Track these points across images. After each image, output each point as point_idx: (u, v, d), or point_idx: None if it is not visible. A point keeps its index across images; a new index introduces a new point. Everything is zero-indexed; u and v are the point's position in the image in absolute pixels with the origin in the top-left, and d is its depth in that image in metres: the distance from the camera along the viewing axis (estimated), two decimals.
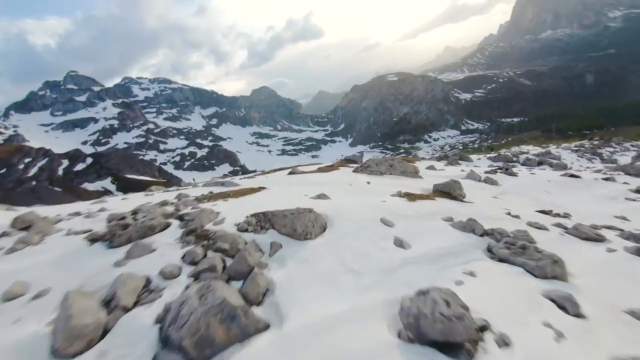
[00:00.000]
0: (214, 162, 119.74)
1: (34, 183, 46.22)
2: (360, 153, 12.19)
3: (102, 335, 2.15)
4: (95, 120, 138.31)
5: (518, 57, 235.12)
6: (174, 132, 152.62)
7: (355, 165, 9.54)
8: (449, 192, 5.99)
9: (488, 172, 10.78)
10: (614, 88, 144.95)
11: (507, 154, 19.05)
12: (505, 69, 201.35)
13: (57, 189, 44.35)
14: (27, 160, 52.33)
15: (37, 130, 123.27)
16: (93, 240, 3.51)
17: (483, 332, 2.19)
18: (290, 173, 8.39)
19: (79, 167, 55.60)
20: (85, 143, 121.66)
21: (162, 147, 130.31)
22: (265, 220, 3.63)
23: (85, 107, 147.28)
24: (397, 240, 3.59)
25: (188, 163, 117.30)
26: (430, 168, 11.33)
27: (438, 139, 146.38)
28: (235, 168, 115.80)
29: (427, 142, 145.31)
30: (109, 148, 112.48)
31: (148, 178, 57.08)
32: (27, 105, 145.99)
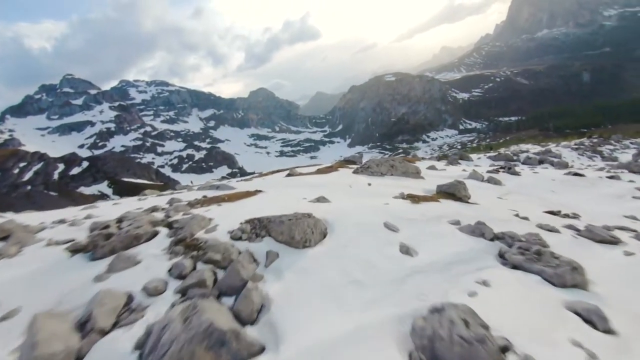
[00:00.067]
0: (212, 164, 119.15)
1: (29, 188, 45.64)
2: (360, 154, 11.96)
3: None
4: (92, 124, 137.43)
5: (515, 56, 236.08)
6: (172, 134, 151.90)
7: (355, 166, 9.30)
8: (454, 193, 5.76)
9: (490, 171, 10.56)
10: (610, 86, 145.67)
11: (507, 153, 18.88)
12: (502, 68, 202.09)
13: (52, 194, 43.77)
14: (22, 165, 51.68)
15: (33, 134, 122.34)
16: (74, 252, 3.24)
17: (505, 353, 1.95)
18: (288, 175, 8.13)
19: (75, 171, 54.95)
20: (82, 147, 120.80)
21: (159, 149, 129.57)
22: (261, 227, 3.37)
23: (82, 110, 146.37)
24: (403, 247, 3.34)
25: (186, 165, 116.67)
26: (431, 168, 11.10)
27: (436, 139, 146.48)
28: (234, 170, 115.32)
29: (425, 142, 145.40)
30: (106, 151, 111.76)
31: (145, 181, 56.57)
32: (23, 109, 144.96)
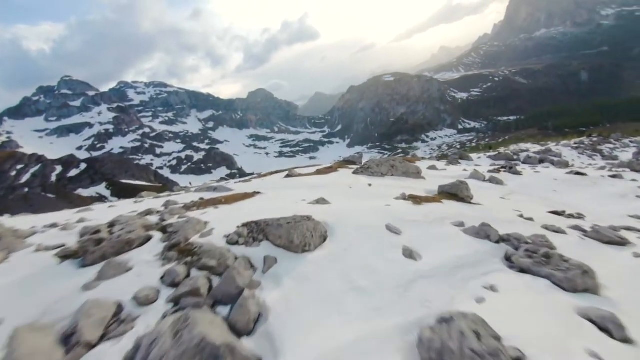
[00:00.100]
0: (211, 165, 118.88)
1: (27, 190, 45.30)
2: (360, 154, 11.84)
3: None
4: (90, 125, 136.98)
5: (513, 55, 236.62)
6: (170, 135, 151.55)
7: (355, 167, 9.18)
8: (456, 193, 5.64)
9: (492, 171, 10.46)
10: (608, 85, 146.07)
11: (507, 153, 18.80)
12: (501, 68, 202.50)
13: (50, 196, 43.44)
14: (19, 167, 51.35)
15: (31, 136, 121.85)
16: (64, 258, 3.11)
17: None
18: (287, 176, 8.01)
19: (73, 173, 54.59)
20: (80, 148, 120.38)
21: (158, 151, 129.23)
22: (259, 231, 3.24)
23: (80, 112, 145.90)
24: (406, 251, 3.22)
25: (185, 167, 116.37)
26: (432, 168, 11.00)
27: (435, 139, 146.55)
28: (233, 171, 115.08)
29: (424, 141, 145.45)
30: (105, 153, 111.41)
31: (144, 183, 56.27)
32: (20, 111, 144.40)
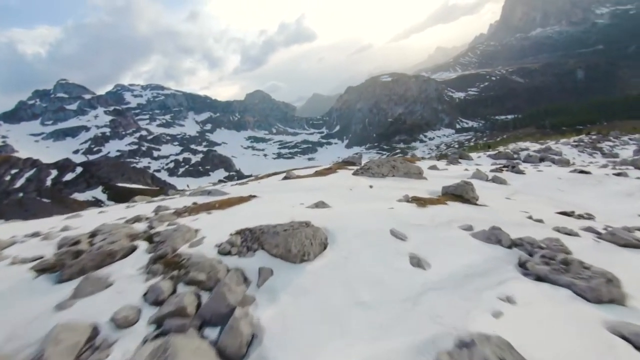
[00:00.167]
0: (209, 167, 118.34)
1: (21, 195, 44.70)
2: (359, 154, 11.59)
3: None
4: (87, 129, 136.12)
5: (509, 55, 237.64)
6: (168, 138, 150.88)
7: (355, 168, 8.94)
8: (461, 194, 5.41)
9: (494, 170, 10.26)
10: (604, 83, 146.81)
11: (507, 152, 18.64)
12: (497, 67, 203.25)
13: (45, 200, 42.84)
14: (13, 172, 50.68)
15: (26, 141, 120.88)
16: (40, 272, 2.84)
17: None
18: (285, 178, 7.75)
19: (69, 177, 53.93)
20: (77, 152, 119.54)
21: (155, 154, 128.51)
22: (253, 239, 2.98)
23: (77, 115, 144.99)
24: (413, 258, 2.97)
25: (182, 169, 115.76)
26: (433, 168, 10.78)
27: (434, 138, 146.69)
28: (231, 173, 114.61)
29: (422, 141, 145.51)
30: (101, 156, 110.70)
31: (141, 186, 55.75)
32: (16, 115, 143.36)
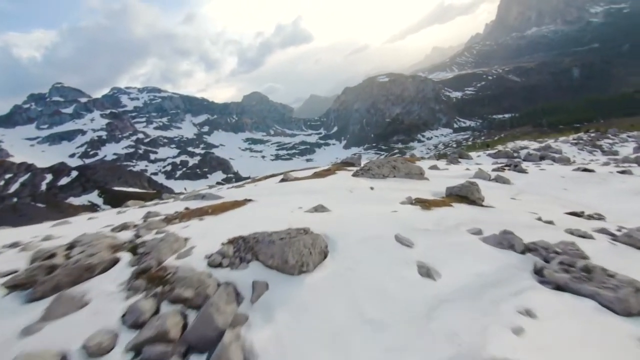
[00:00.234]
0: (206, 170, 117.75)
1: (15, 200, 44.06)
2: (358, 155, 11.36)
3: None
4: (83, 132, 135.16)
5: (505, 54, 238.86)
6: (165, 141, 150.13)
7: (354, 169, 8.70)
8: (466, 195, 5.18)
9: (496, 169, 10.07)
10: (600, 81, 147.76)
11: (507, 150, 18.49)
12: (494, 67, 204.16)
13: (40, 205, 42.20)
14: (7, 176, 49.97)
15: (22, 145, 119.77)
16: (12, 288, 2.56)
17: None
18: (282, 180, 7.50)
19: (64, 181, 53.25)
20: (73, 156, 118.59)
21: (152, 157, 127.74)
22: (247, 249, 2.73)
23: (72, 119, 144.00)
24: (422, 268, 2.73)
25: (180, 172, 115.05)
26: (433, 168, 10.57)
27: (431, 138, 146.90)
28: (229, 175, 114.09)
29: (420, 141, 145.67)
30: (98, 160, 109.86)
31: (137, 190, 55.17)
32: (11, 120, 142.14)
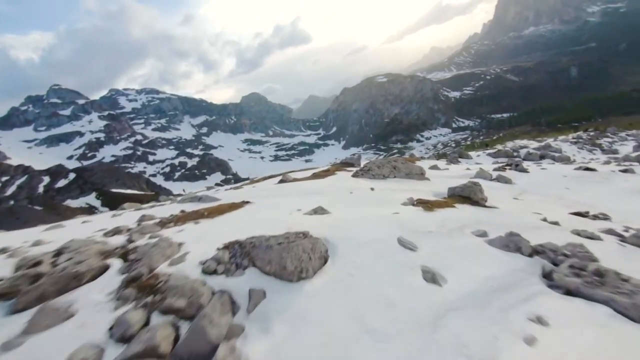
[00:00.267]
0: (205, 171, 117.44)
1: (12, 202, 43.74)
2: (358, 155, 11.24)
3: None
4: (81, 134, 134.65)
5: (503, 54, 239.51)
6: (163, 142, 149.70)
7: (354, 169, 8.59)
8: (469, 196, 5.07)
9: (497, 169, 9.98)
10: (597, 80, 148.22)
11: (507, 150, 18.41)
12: (492, 66, 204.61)
13: (37, 208, 41.85)
14: (4, 179, 49.59)
15: (19, 147, 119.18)
16: None
17: None
18: (281, 181, 7.37)
19: (61, 183, 52.85)
20: (71, 158, 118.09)
21: (151, 158, 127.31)
22: (243, 255, 2.60)
23: (70, 121, 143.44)
24: (427, 273, 2.61)
25: (178, 173, 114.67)
26: (434, 168, 10.47)
27: (430, 138, 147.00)
28: (227, 176, 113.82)
29: (419, 141, 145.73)
30: (96, 162, 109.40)
31: (135, 191, 54.85)
32: (8, 122, 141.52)
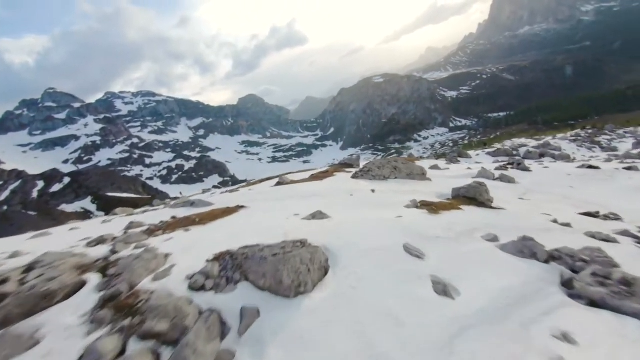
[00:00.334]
0: (203, 173, 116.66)
1: (6, 208, 42.95)
2: (357, 155, 11.02)
3: None
4: (77, 138, 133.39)
5: (499, 53, 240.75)
6: (160, 145, 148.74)
7: (353, 170, 8.36)
8: (475, 197, 4.85)
9: (499, 168, 9.79)
10: (592, 78, 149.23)
11: (506, 148, 18.28)
12: (488, 66, 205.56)
13: (31, 213, 41.13)
14: None
15: (14, 152, 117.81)
16: None
17: None
18: (278, 184, 7.12)
19: (56, 187, 52.04)
20: (67, 162, 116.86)
21: (147, 161, 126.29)
22: (234, 267, 2.36)
23: (66, 124, 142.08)
24: (437, 284, 2.37)
25: (175, 176, 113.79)
26: (434, 168, 10.26)
27: (428, 138, 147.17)
28: (225, 179, 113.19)
29: (417, 141, 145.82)
30: (92, 166, 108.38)
31: (131, 195, 54.23)
32: (2, 126, 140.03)
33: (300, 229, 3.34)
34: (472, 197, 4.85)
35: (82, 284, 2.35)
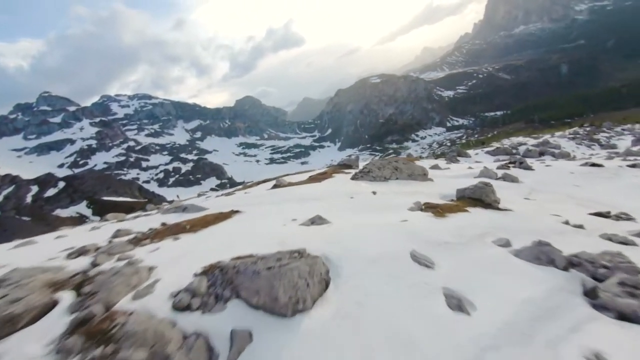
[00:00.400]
0: (200, 176, 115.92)
1: None
2: (355, 156, 10.80)
3: None
4: (72, 142, 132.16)
5: (494, 52, 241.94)
6: (157, 148, 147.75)
7: (352, 171, 8.13)
8: (480, 198, 4.62)
9: (500, 167, 9.60)
10: (587, 77, 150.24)
11: (505, 147, 18.13)
12: (484, 65, 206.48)
13: (25, 219, 40.45)
14: None
15: (8, 156, 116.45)
16: None
17: None
18: (275, 186, 6.87)
19: (50, 192, 51.24)
20: (62, 166, 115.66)
21: (144, 164, 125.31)
22: (224, 283, 2.11)
23: (61, 128, 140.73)
24: (451, 298, 2.14)
25: (172, 179, 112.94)
26: (435, 167, 10.05)
27: (425, 137, 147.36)
28: (223, 181, 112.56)
29: (414, 141, 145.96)
30: (88, 169, 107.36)
31: (128, 199, 53.61)
32: None
33: (298, 236, 3.10)
34: (477, 198, 4.63)
35: (53, 305, 2.09)
